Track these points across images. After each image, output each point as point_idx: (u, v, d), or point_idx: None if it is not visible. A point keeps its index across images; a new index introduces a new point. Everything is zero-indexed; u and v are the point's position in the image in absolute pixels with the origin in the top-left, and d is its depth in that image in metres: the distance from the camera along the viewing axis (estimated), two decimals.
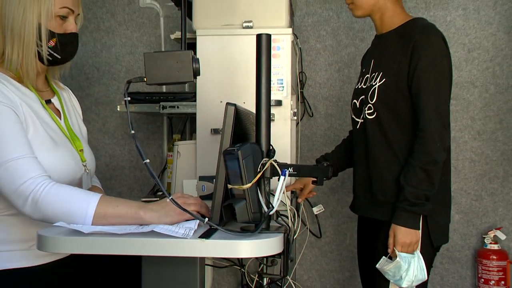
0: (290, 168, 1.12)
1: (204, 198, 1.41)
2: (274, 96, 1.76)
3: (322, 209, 2.14)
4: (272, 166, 1.10)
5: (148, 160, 1.07)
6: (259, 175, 1.06)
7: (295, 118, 1.91)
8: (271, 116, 1.23)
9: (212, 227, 1.08)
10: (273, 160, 1.10)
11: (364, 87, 1.66)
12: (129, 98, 1.14)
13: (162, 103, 2.03)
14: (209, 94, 1.81)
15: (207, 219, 1.06)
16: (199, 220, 1.06)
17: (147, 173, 2.43)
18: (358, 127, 1.67)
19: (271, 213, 1.07)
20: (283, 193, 1.08)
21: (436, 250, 1.60)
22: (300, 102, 2.45)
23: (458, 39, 2.43)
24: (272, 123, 1.20)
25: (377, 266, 1.54)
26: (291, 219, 1.27)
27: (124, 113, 2.44)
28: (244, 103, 1.64)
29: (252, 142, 1.11)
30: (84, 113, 1.62)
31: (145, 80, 1.16)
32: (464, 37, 2.43)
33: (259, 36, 1.13)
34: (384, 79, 1.57)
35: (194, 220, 1.12)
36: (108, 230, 1.05)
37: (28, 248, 1.28)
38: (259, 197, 1.07)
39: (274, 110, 1.74)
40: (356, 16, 1.68)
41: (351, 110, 1.74)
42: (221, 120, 1.14)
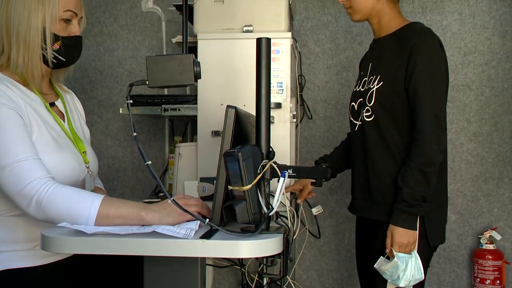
0: (289, 170, 1.13)
1: (205, 199, 1.40)
2: (274, 99, 1.77)
3: (321, 209, 2.15)
4: (271, 167, 1.10)
5: (150, 162, 1.07)
6: (259, 177, 1.07)
7: (295, 121, 1.92)
8: (271, 119, 1.24)
9: (213, 228, 1.08)
10: (272, 162, 1.10)
11: (362, 90, 1.67)
12: (131, 101, 1.14)
13: (163, 106, 2.02)
14: (210, 96, 1.82)
15: (208, 219, 1.06)
16: (200, 220, 1.07)
17: (149, 174, 2.44)
18: (356, 129, 1.68)
19: (271, 214, 1.08)
20: (283, 194, 1.09)
21: (433, 250, 1.61)
22: (299, 105, 2.45)
23: (454, 43, 2.44)
24: (272, 126, 1.21)
25: (375, 266, 1.54)
26: (290, 220, 1.27)
27: (126, 115, 2.44)
28: (244, 105, 1.65)
29: (252, 144, 1.12)
30: (87, 115, 1.63)
31: (147, 83, 1.16)
32: (460, 41, 2.44)
33: (259, 40, 1.13)
34: (381, 82, 1.57)
35: (195, 220, 1.12)
36: (111, 231, 1.06)
37: (32, 248, 1.28)
38: (259, 198, 1.07)
39: (273, 112, 1.74)
40: (354, 20, 1.68)
41: (349, 112, 1.74)
42: (221, 122, 1.14)
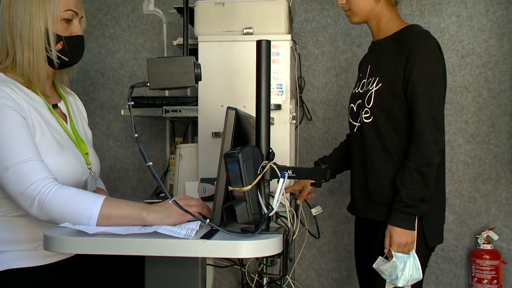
0: (289, 171, 1.13)
1: (206, 199, 1.40)
2: (274, 100, 1.77)
3: (320, 210, 2.16)
4: (271, 168, 1.11)
5: (151, 163, 1.07)
6: (259, 177, 1.07)
7: (294, 122, 1.92)
8: (271, 120, 1.25)
9: (213, 228, 1.09)
10: (272, 163, 1.11)
11: (361, 91, 1.68)
12: (132, 103, 1.14)
13: (164, 107, 2.03)
14: (210, 98, 1.83)
15: (208, 220, 1.07)
16: (201, 221, 1.07)
17: (150, 175, 2.42)
18: (355, 131, 1.68)
19: (270, 214, 1.08)
20: (283, 194, 1.09)
21: (431, 250, 1.61)
22: (299, 106, 2.45)
23: (451, 45, 2.45)
24: (272, 127, 1.21)
25: (373, 266, 1.55)
26: (290, 220, 1.28)
27: (128, 117, 2.44)
28: (244, 107, 1.65)
29: (252, 145, 1.13)
30: (89, 117, 1.64)
31: (148, 85, 1.17)
32: (457, 43, 2.45)
33: (259, 42, 1.14)
34: (380, 84, 1.58)
35: (195, 221, 1.13)
36: (112, 231, 1.06)
37: (34, 248, 1.29)
38: (259, 198, 1.08)
39: (273, 114, 1.74)
40: (353, 22, 1.69)
41: (348, 114, 1.75)
42: (222, 123, 1.15)
